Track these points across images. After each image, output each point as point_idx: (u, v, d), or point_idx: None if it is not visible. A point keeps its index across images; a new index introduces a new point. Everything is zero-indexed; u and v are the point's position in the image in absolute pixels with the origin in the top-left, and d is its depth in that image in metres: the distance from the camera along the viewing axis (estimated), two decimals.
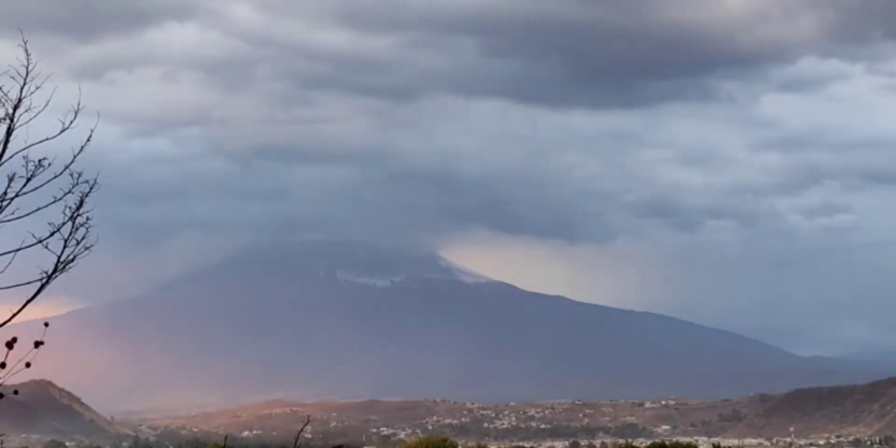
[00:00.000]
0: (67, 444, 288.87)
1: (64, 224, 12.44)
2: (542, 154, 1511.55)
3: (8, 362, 11.99)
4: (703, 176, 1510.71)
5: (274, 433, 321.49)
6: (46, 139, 12.52)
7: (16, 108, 12.26)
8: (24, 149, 12.31)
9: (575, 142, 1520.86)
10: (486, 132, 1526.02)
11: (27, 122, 12.35)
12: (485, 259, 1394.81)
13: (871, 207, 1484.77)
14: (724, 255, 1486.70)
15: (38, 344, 12.16)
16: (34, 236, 12.36)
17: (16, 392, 12.97)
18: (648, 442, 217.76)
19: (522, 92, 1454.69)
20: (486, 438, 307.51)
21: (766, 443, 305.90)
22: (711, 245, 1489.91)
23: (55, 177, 12.43)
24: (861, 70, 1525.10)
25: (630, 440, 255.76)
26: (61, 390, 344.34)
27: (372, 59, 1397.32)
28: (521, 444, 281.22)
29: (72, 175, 12.52)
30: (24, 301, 12.30)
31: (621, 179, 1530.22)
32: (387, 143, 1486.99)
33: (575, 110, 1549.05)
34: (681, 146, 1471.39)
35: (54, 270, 12.37)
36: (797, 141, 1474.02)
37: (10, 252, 12.26)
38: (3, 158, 12.18)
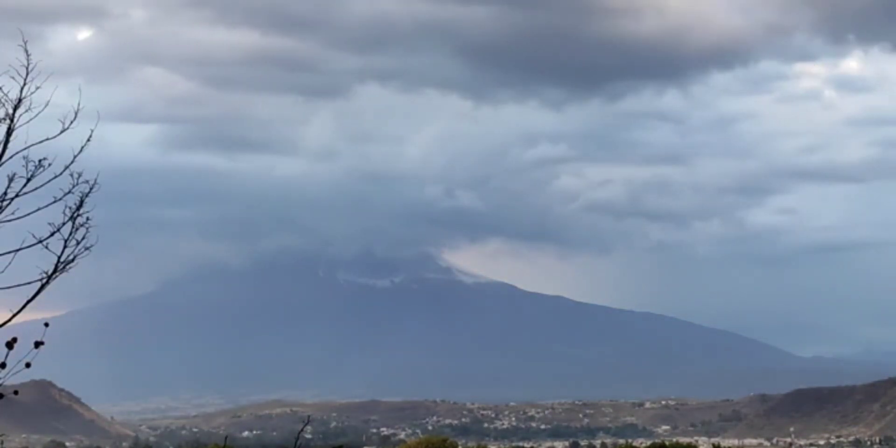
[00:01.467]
0: (67, 444, 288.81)
1: (64, 224, 12.44)
2: (506, 153, 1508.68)
3: (8, 362, 11.98)
4: (681, 176, 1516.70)
5: (274, 433, 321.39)
6: (46, 139, 12.52)
7: (16, 108, 12.25)
8: (25, 149, 12.30)
9: (541, 140, 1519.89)
10: (442, 130, 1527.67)
11: (27, 122, 12.34)
12: (482, 259, 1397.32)
13: (855, 207, 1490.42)
14: (724, 256, 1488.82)
15: (38, 344, 12.15)
16: (34, 236, 12.35)
17: (16, 392, 12.96)
18: (648, 442, 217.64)
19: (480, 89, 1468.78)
20: (486, 439, 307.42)
21: (766, 443, 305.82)
22: (711, 245, 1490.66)
23: (55, 177, 12.42)
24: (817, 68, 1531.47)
25: (630, 440, 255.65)
26: (61, 390, 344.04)
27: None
28: (521, 444, 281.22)
29: (72, 175, 12.51)
30: (24, 301, 12.29)
31: (600, 179, 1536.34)
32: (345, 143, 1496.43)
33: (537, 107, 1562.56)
34: (650, 146, 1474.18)
35: (54, 270, 12.36)
36: (772, 141, 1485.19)
37: (10, 252, 12.25)
38: (3, 158, 12.17)
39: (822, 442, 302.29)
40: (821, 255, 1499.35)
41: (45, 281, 12.31)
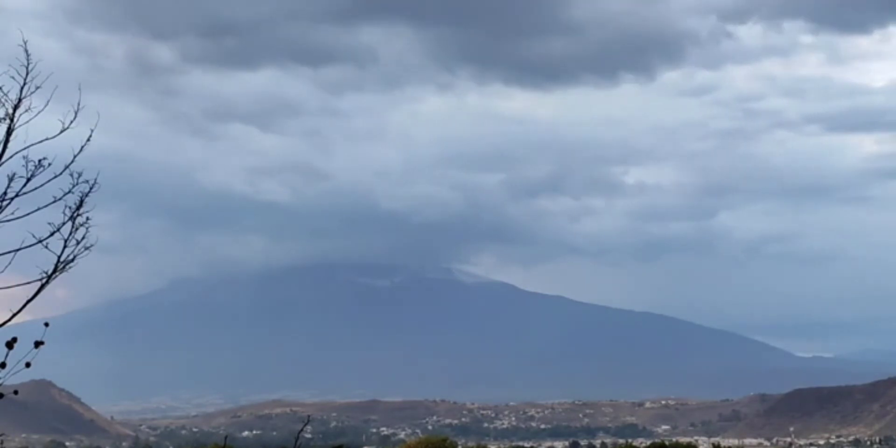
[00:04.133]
0: (67, 444, 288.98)
1: (64, 224, 12.42)
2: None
3: (8, 362, 11.97)
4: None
5: (274, 433, 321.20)
6: (46, 139, 12.50)
7: (16, 108, 12.24)
8: (24, 149, 12.29)
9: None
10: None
11: (27, 122, 12.32)
12: (481, 260, 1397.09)
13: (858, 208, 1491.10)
14: (724, 256, 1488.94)
15: (38, 344, 12.14)
16: (34, 236, 12.33)
17: (16, 392, 12.94)
18: (648, 442, 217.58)
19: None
20: (486, 438, 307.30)
21: (766, 443, 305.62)
22: (711, 245, 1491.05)
23: (55, 177, 12.40)
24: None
25: (630, 440, 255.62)
26: (61, 390, 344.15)
27: None
28: (521, 444, 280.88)
29: (72, 175, 12.49)
30: (24, 301, 12.28)
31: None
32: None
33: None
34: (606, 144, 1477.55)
35: (54, 270, 12.35)
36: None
37: (10, 252, 12.24)
38: (3, 158, 12.16)
39: (821, 442, 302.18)
40: (820, 255, 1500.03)
41: (45, 281, 12.30)
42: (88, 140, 12.87)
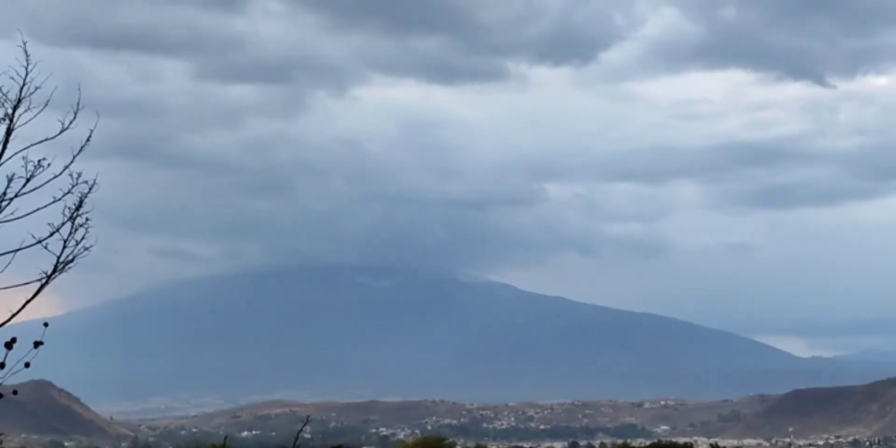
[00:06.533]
0: (67, 444, 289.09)
1: (63, 224, 12.42)
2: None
3: (8, 362, 11.97)
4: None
5: (273, 433, 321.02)
6: (46, 139, 12.50)
7: (16, 107, 12.24)
8: (24, 149, 12.29)
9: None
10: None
11: (27, 122, 12.32)
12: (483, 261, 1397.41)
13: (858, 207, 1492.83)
14: (725, 256, 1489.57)
15: (37, 344, 12.14)
16: (34, 236, 12.33)
17: (15, 392, 12.94)
18: (648, 442, 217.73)
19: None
20: (486, 439, 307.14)
21: (766, 443, 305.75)
22: (711, 245, 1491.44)
23: (55, 177, 12.40)
24: None
25: (629, 440, 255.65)
26: (61, 390, 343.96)
27: None
28: (520, 444, 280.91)
29: (71, 175, 12.49)
30: (24, 301, 12.28)
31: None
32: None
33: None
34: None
35: (54, 270, 12.35)
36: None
37: (10, 252, 12.24)
38: (3, 158, 12.16)
39: (820, 442, 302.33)
40: (821, 256, 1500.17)
41: (44, 281, 12.30)
42: (88, 140, 12.88)
